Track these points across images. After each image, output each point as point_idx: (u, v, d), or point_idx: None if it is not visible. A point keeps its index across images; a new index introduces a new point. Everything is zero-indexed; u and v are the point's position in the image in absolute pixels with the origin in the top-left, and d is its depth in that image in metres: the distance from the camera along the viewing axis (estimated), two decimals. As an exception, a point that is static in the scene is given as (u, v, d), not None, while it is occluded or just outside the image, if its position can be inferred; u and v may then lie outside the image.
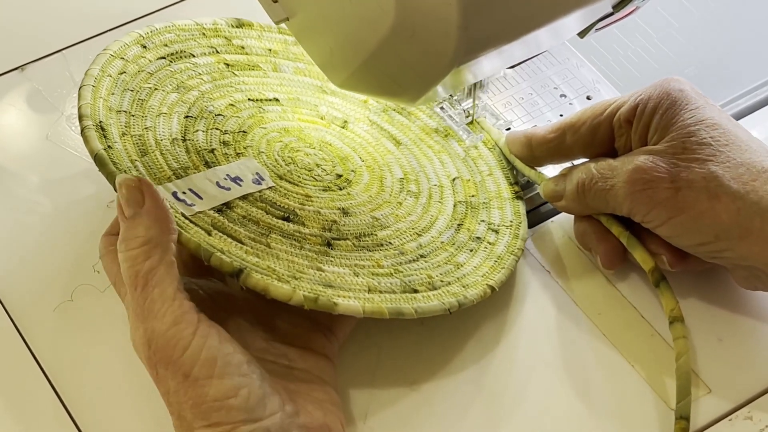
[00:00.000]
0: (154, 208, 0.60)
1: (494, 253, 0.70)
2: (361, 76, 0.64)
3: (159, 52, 0.72)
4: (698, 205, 0.64)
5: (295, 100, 0.75)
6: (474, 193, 0.74)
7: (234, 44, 0.75)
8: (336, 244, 0.67)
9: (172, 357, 0.58)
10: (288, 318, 0.65)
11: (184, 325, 0.58)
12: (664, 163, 0.65)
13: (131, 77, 0.69)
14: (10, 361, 0.67)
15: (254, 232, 0.65)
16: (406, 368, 0.67)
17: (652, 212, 0.66)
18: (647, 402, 0.66)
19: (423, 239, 0.70)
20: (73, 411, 0.65)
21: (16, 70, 0.81)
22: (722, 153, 0.65)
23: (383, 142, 0.75)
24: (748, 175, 0.64)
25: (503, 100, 0.80)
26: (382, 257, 0.67)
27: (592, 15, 0.65)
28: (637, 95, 0.69)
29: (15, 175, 0.76)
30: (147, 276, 0.59)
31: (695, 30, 0.87)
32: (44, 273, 0.70)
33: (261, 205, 0.67)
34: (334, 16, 0.62)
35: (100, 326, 0.68)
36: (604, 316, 0.70)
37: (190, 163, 0.67)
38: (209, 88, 0.72)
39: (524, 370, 0.67)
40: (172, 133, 0.68)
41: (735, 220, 0.64)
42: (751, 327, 0.69)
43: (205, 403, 0.57)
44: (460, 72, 0.62)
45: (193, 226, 0.63)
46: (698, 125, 0.66)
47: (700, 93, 0.68)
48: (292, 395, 0.60)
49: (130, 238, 0.60)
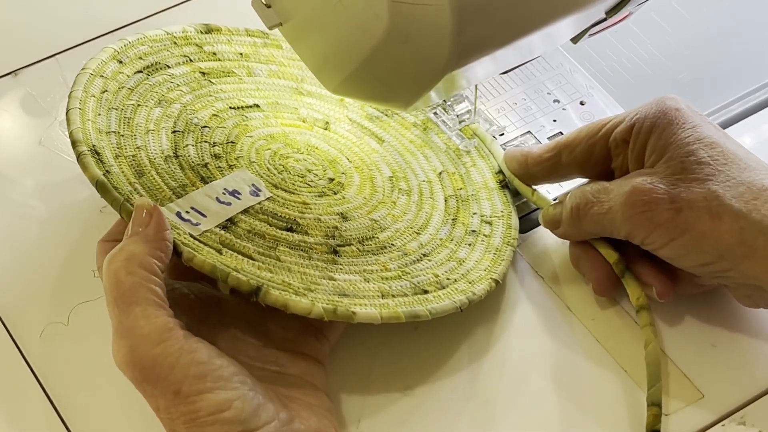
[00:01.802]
0: (153, 230, 0.61)
1: (492, 246, 0.71)
2: (355, 82, 0.64)
3: (135, 66, 0.72)
4: (700, 225, 0.64)
5: (274, 105, 0.75)
6: (461, 185, 0.74)
7: (205, 51, 0.76)
8: (342, 250, 0.67)
9: (160, 375, 0.57)
10: (279, 321, 0.65)
11: (171, 342, 0.58)
12: (663, 184, 0.65)
13: (113, 95, 0.70)
14: (3, 366, 0.67)
15: (262, 246, 0.65)
16: (399, 373, 0.67)
17: (652, 234, 0.65)
18: (640, 407, 0.66)
19: (423, 238, 0.70)
20: (65, 416, 0.65)
21: (9, 75, 0.81)
22: (722, 172, 0.64)
23: (367, 141, 0.76)
24: (749, 193, 0.63)
25: (496, 106, 0.80)
26: (387, 260, 0.68)
27: (585, 20, 0.66)
28: (633, 114, 0.68)
29: (8, 180, 0.75)
30: (127, 292, 0.59)
31: (688, 35, 0.87)
32: (38, 277, 0.70)
33: (263, 217, 0.67)
34: (328, 22, 0.62)
35: (95, 330, 0.67)
36: (597, 322, 0.70)
37: (187, 181, 0.67)
38: (190, 99, 0.72)
39: (517, 375, 0.67)
40: (164, 150, 0.68)
41: (738, 240, 0.63)
42: (745, 333, 0.69)
43: (199, 419, 0.57)
44: (454, 77, 0.62)
45: (203, 246, 0.63)
46: (696, 144, 0.65)
47: (696, 111, 0.68)
48: (285, 402, 0.60)
49: (117, 252, 0.60)
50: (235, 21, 0.79)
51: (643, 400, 0.66)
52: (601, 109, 0.80)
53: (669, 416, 0.65)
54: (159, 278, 0.60)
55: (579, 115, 0.79)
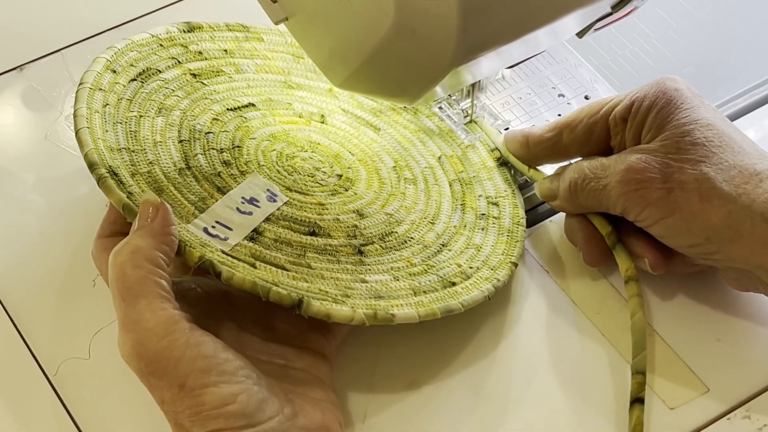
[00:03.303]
0: (159, 225, 0.61)
1: (504, 228, 0.72)
2: (361, 77, 0.64)
3: (129, 74, 0.72)
4: (690, 206, 0.64)
5: (268, 102, 0.75)
6: (462, 168, 0.75)
7: (191, 50, 0.76)
8: (366, 250, 0.68)
9: (166, 368, 0.57)
10: (286, 317, 0.65)
11: (177, 335, 0.58)
12: (657, 163, 0.65)
13: (115, 108, 0.70)
14: (9, 360, 0.67)
15: (291, 255, 0.66)
16: (404, 368, 0.67)
17: (644, 212, 0.66)
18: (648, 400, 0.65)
19: (438, 227, 0.71)
20: (72, 409, 0.65)
21: (14, 69, 0.81)
22: (715, 154, 0.65)
23: (363, 131, 0.76)
24: (740, 177, 0.64)
25: (501, 100, 0.80)
26: (410, 255, 0.68)
27: (590, 15, 0.66)
28: (633, 94, 0.69)
29: (14, 174, 0.76)
30: (133, 286, 0.59)
31: (693, 30, 0.87)
32: (44, 270, 0.70)
33: (284, 223, 0.67)
34: (334, 17, 0.62)
35: (99, 322, 0.68)
36: (603, 316, 0.70)
37: (205, 193, 0.67)
38: (187, 104, 0.72)
39: (522, 370, 0.67)
40: (176, 163, 0.68)
41: (726, 223, 0.64)
42: (749, 327, 0.69)
43: (204, 412, 0.57)
44: (459, 72, 0.62)
45: (238, 262, 0.63)
46: (692, 125, 0.66)
47: (696, 93, 0.68)
48: (290, 396, 0.60)
49: (123, 246, 0.60)
50: (240, 7, 0.78)
51: (652, 396, 0.66)
52: (606, 104, 0.80)
53: (674, 410, 0.66)
54: (164, 272, 0.60)
55: (584, 110, 0.79)
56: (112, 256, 0.60)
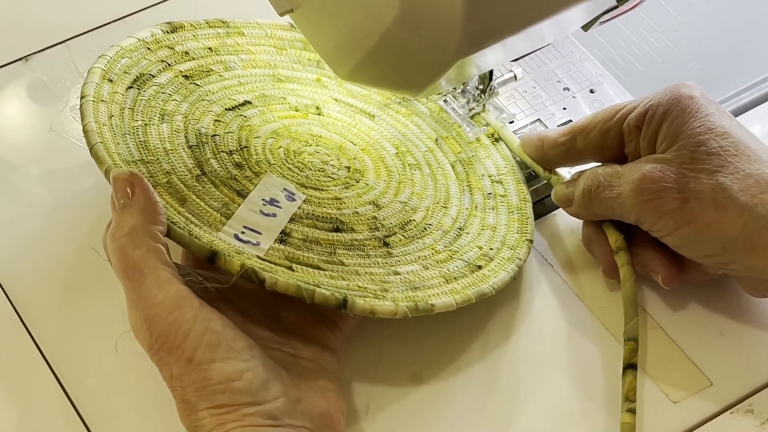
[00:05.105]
0: (143, 198, 0.61)
1: (512, 206, 0.73)
2: (366, 68, 0.64)
3: (125, 82, 0.72)
4: (705, 216, 0.64)
5: (263, 97, 0.75)
6: (460, 149, 0.76)
7: (178, 51, 0.75)
8: (390, 241, 0.68)
9: (175, 342, 0.58)
10: (293, 310, 0.65)
11: (185, 309, 0.58)
12: (672, 172, 0.65)
13: (120, 119, 0.69)
14: (14, 351, 0.67)
15: (322, 254, 0.66)
16: (408, 361, 0.67)
17: (659, 222, 0.65)
18: (651, 394, 0.66)
19: (451, 211, 0.72)
20: (75, 399, 0.65)
21: (20, 60, 0.81)
22: (731, 164, 0.64)
23: (360, 120, 0.76)
24: (757, 187, 0.64)
25: (506, 93, 0.80)
26: (433, 242, 0.69)
27: (596, 8, 0.66)
28: (648, 100, 0.68)
29: (19, 165, 0.76)
30: (138, 265, 0.59)
31: (699, 24, 0.87)
32: (49, 262, 0.70)
33: (308, 221, 0.68)
34: (339, 8, 0.62)
35: (104, 314, 0.68)
36: (607, 310, 0.70)
37: (226, 198, 0.67)
38: (187, 108, 0.72)
39: (526, 363, 0.67)
40: (190, 170, 0.68)
41: (742, 233, 0.63)
42: (753, 321, 0.69)
43: (210, 386, 0.57)
44: (465, 64, 0.62)
45: (276, 267, 0.63)
46: (708, 134, 0.65)
47: (711, 99, 0.68)
48: (295, 382, 0.61)
49: (117, 228, 0.60)
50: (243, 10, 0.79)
51: (656, 389, 0.66)
52: (611, 98, 0.80)
53: (677, 404, 0.66)
54: (163, 243, 0.60)
55: (589, 103, 0.79)
56: (109, 241, 0.60)
